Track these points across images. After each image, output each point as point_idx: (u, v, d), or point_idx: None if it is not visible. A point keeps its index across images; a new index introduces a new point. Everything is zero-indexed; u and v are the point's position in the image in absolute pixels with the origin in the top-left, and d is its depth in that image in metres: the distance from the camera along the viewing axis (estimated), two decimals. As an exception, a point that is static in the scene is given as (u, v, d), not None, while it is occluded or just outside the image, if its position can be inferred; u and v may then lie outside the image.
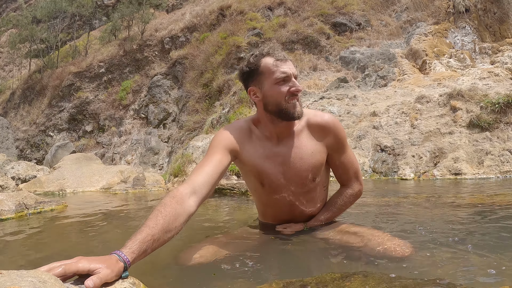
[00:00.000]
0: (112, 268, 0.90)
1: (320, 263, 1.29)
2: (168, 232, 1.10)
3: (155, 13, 14.59)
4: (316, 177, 1.51)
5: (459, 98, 4.84)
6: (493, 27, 8.12)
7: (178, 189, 1.26)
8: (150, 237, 1.03)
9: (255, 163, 1.49)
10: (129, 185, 4.58)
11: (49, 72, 14.25)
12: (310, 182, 1.51)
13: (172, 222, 1.12)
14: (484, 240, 1.47)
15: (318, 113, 1.53)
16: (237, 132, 1.49)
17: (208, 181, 1.32)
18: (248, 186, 1.66)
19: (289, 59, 1.47)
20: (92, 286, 0.83)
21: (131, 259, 0.96)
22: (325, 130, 1.49)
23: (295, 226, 1.56)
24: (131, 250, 0.97)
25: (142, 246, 1.00)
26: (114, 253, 0.96)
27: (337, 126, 1.51)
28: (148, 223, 1.08)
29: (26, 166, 5.98)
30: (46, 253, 1.70)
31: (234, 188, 3.67)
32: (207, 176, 1.33)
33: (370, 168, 4.61)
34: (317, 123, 1.49)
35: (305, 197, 1.53)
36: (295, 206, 1.53)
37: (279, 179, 1.49)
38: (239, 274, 1.17)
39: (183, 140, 9.15)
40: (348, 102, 6.02)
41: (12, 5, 22.83)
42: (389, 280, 0.93)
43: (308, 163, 1.48)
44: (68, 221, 2.54)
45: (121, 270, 0.92)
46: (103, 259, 0.92)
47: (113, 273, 0.89)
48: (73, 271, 0.86)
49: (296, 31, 9.68)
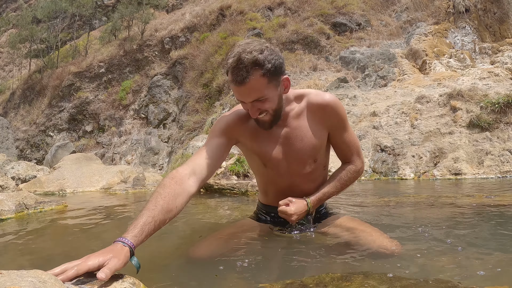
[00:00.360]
0: (118, 256, 0.93)
1: (318, 262, 1.29)
2: (169, 212, 1.12)
3: (155, 13, 14.60)
4: (317, 157, 1.52)
5: (459, 98, 4.84)
6: (493, 27, 8.12)
7: (178, 170, 1.28)
8: (151, 219, 1.06)
9: (256, 145, 1.50)
10: (129, 185, 4.58)
11: (49, 72, 14.26)
12: (311, 162, 1.51)
13: (172, 202, 1.14)
14: (484, 240, 1.47)
15: (319, 93, 1.50)
16: (237, 116, 1.49)
17: (208, 163, 1.34)
18: (251, 166, 1.67)
19: (245, 83, 1.28)
20: (105, 277, 0.86)
21: (135, 242, 0.99)
22: (325, 110, 1.47)
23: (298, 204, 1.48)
24: (133, 234, 1.00)
25: (144, 228, 1.03)
26: (117, 240, 0.99)
27: (338, 105, 1.48)
28: (148, 206, 1.10)
29: (26, 166, 5.98)
30: (46, 253, 1.70)
31: (234, 188, 3.67)
32: (207, 159, 1.35)
33: (370, 168, 4.61)
34: (317, 103, 1.47)
35: (307, 177, 1.54)
36: (296, 186, 1.54)
37: (280, 160, 1.50)
38: (239, 274, 1.18)
39: (183, 140, 9.15)
40: (348, 102, 6.02)
41: (12, 5, 22.83)
42: (388, 281, 0.93)
43: (308, 144, 1.48)
44: (68, 221, 2.54)
45: (127, 254, 0.95)
46: (108, 250, 0.95)
47: (120, 261, 0.92)
48: (84, 270, 0.89)
49: (296, 31, 9.68)
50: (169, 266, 1.33)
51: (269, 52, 1.31)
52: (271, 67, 1.29)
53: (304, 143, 1.48)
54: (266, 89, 1.32)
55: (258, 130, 1.47)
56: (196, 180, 1.28)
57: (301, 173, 1.52)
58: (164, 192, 1.15)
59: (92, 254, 0.94)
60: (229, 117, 1.49)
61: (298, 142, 1.48)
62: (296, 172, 1.52)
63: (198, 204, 3.10)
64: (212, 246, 1.46)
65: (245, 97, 1.33)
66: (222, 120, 1.49)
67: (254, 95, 1.31)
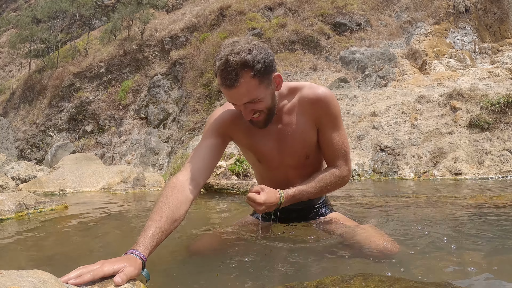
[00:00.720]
0: (134, 265, 0.95)
1: (318, 262, 1.29)
2: (174, 222, 1.15)
3: (155, 13, 14.59)
4: (310, 154, 1.50)
5: (459, 98, 4.84)
6: (493, 27, 8.12)
7: (177, 177, 1.29)
8: (158, 230, 1.08)
9: (250, 142, 1.50)
10: (129, 185, 4.58)
11: (49, 72, 14.25)
12: (303, 159, 1.50)
13: (177, 212, 1.17)
14: (484, 241, 1.47)
15: (312, 87, 1.43)
16: (230, 113, 1.48)
17: (205, 165, 1.36)
18: (247, 161, 1.70)
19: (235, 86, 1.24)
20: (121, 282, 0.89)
21: (146, 255, 1.02)
22: (315, 104, 1.41)
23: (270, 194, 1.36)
24: (144, 247, 1.03)
25: (153, 240, 1.06)
26: (130, 252, 1.01)
27: (329, 100, 1.41)
28: (154, 217, 1.12)
29: (26, 166, 5.98)
30: (46, 253, 1.70)
31: (234, 188, 3.67)
32: (204, 161, 1.37)
33: (370, 168, 4.61)
34: (308, 98, 1.42)
35: (300, 172, 1.52)
36: (290, 181, 1.52)
37: (274, 156, 1.50)
38: (239, 279, 1.17)
39: (183, 140, 9.15)
40: (348, 102, 6.02)
41: (12, 5, 22.83)
42: (388, 283, 0.93)
43: (299, 140, 1.46)
44: (68, 221, 2.54)
45: (140, 266, 0.98)
46: (123, 259, 0.97)
47: (136, 270, 0.95)
48: (100, 275, 0.91)
49: (296, 31, 9.68)
50: (169, 266, 1.33)
51: (258, 50, 1.26)
52: (261, 67, 1.25)
53: (295, 139, 1.46)
54: (258, 90, 1.27)
55: (252, 127, 1.45)
56: (196, 184, 1.29)
57: (295, 169, 1.52)
58: (167, 202, 1.17)
59: (107, 260, 0.96)
60: (222, 115, 1.48)
61: (290, 139, 1.46)
62: (290, 168, 1.52)
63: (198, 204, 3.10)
64: (212, 241, 1.48)
65: (237, 100, 1.30)
66: (216, 117, 1.48)
67: (245, 97, 1.28)
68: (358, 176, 4.53)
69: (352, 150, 4.84)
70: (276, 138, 1.47)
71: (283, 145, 1.47)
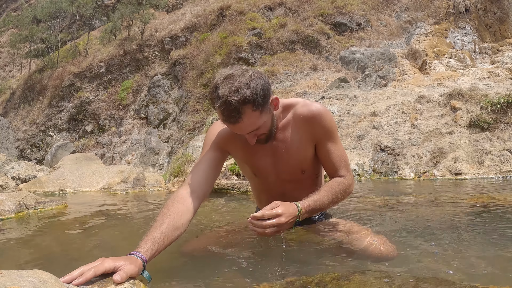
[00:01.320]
0: (134, 263, 0.98)
1: (317, 263, 1.29)
2: (176, 229, 1.17)
3: (155, 13, 14.60)
4: (305, 169, 1.52)
5: (459, 98, 4.84)
6: (493, 27, 8.12)
7: (179, 191, 1.33)
8: (159, 235, 1.11)
9: (245, 156, 1.53)
10: (129, 185, 4.58)
11: (49, 72, 14.26)
12: (299, 173, 1.52)
13: (178, 220, 1.19)
14: (484, 240, 1.47)
15: (306, 104, 1.45)
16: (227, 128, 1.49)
17: (205, 179, 1.39)
18: (244, 174, 1.71)
19: (239, 122, 1.25)
20: (120, 279, 0.92)
21: (147, 257, 1.04)
22: (310, 121, 1.43)
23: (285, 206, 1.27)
24: (145, 249, 1.06)
25: (154, 244, 1.08)
26: (131, 253, 1.03)
27: (323, 116, 1.42)
28: (155, 224, 1.15)
29: (26, 166, 5.98)
30: (46, 253, 1.71)
31: (234, 188, 3.67)
32: (204, 174, 1.39)
33: (370, 168, 4.61)
34: (302, 115, 1.44)
35: (297, 186, 1.54)
36: (287, 195, 1.52)
37: (269, 171, 1.53)
38: (239, 274, 1.18)
39: (183, 140, 9.15)
40: (348, 102, 6.02)
41: (12, 5, 22.84)
42: (387, 278, 0.93)
43: (294, 156, 1.48)
44: (68, 221, 2.54)
45: (141, 266, 1.01)
46: (123, 258, 1.00)
47: (136, 268, 0.98)
48: (101, 272, 0.93)
49: (296, 31, 9.68)
50: (169, 267, 1.33)
51: (255, 82, 1.24)
52: (261, 100, 1.25)
53: (290, 155, 1.48)
54: (260, 119, 1.30)
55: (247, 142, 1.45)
56: (197, 197, 1.32)
57: (291, 182, 1.54)
58: (168, 211, 1.20)
59: (108, 258, 0.97)
60: (220, 132, 1.51)
61: (285, 154, 1.48)
62: (286, 182, 1.54)
63: (198, 204, 3.09)
64: (210, 241, 1.50)
65: (241, 131, 1.33)
66: (215, 132, 1.52)
67: (249, 128, 1.31)
68: (358, 176, 4.53)
69: (352, 150, 4.84)
70: (271, 153, 1.50)
71: (278, 161, 1.50)
